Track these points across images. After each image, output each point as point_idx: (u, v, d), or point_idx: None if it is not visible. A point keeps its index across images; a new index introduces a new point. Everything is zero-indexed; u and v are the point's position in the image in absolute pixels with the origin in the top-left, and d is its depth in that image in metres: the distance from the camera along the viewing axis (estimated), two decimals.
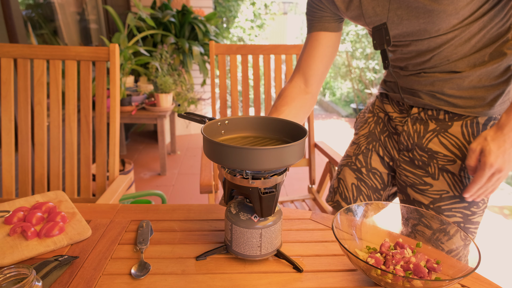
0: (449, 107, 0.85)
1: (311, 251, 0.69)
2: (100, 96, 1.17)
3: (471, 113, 0.83)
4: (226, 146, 0.55)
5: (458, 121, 0.85)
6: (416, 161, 0.91)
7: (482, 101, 0.82)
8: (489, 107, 0.82)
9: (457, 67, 0.80)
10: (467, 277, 0.62)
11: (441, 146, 0.86)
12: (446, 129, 0.86)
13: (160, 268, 0.63)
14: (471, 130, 0.84)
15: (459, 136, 0.85)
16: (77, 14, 2.93)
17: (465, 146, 0.84)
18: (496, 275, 1.92)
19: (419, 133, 0.89)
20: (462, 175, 0.85)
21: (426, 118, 0.88)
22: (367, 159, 1.01)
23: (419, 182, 0.90)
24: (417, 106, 0.90)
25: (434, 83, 0.84)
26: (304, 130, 0.63)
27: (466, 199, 0.80)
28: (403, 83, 0.91)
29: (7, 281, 0.47)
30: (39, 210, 0.77)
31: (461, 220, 0.86)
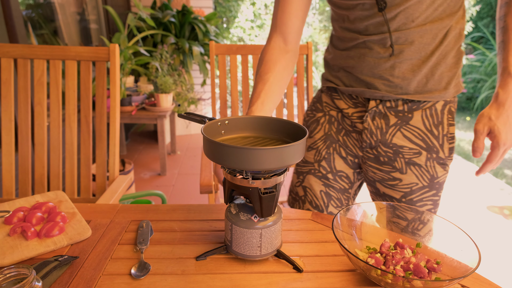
0: (407, 94, 0.84)
1: (311, 251, 0.69)
2: (100, 96, 1.17)
3: (428, 98, 0.84)
4: (226, 146, 0.55)
5: (417, 110, 0.85)
6: (382, 158, 0.90)
7: (438, 84, 0.83)
8: (445, 91, 0.84)
9: (417, 38, 0.79)
10: (467, 277, 0.62)
11: (405, 139, 0.87)
12: (408, 121, 0.86)
13: (160, 268, 0.63)
14: (432, 119, 0.86)
15: (421, 127, 0.86)
16: (77, 14, 2.93)
17: (427, 136, 0.86)
18: (496, 275, 1.92)
19: (381, 129, 0.88)
20: (428, 165, 0.87)
21: (385, 111, 0.87)
22: (331, 163, 0.97)
23: (388, 178, 0.91)
24: (374, 99, 0.87)
25: (394, 65, 0.82)
26: (304, 130, 0.63)
27: (476, 175, 0.82)
28: (359, 71, 0.87)
29: (7, 281, 0.47)
30: (39, 210, 0.77)
31: (432, 207, 0.90)
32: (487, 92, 5.42)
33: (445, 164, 0.89)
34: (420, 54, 0.80)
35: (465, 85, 5.72)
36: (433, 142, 0.87)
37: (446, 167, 0.90)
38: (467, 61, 5.43)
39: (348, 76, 0.90)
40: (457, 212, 2.61)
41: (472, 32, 6.09)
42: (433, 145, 0.87)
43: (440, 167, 0.88)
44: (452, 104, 0.88)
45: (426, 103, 0.85)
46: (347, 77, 0.90)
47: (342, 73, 0.92)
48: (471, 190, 2.96)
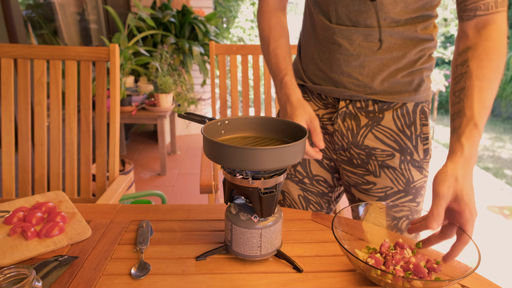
0: (377, 95, 0.82)
1: (311, 251, 0.69)
2: (100, 96, 1.17)
3: (398, 100, 0.81)
4: (226, 146, 0.55)
5: (388, 110, 0.83)
6: (355, 160, 0.87)
7: (408, 86, 0.81)
8: (415, 93, 0.82)
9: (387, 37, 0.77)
10: (467, 277, 0.62)
11: (377, 141, 0.84)
12: (379, 122, 0.84)
13: (160, 268, 0.63)
14: (403, 119, 0.83)
15: (392, 127, 0.83)
16: (77, 14, 2.93)
17: (400, 136, 0.83)
18: (496, 275, 1.92)
19: (352, 131, 0.85)
20: (402, 168, 0.84)
21: (356, 112, 0.84)
22: (306, 168, 0.94)
23: (362, 182, 0.88)
24: (343, 99, 0.85)
25: (363, 63, 0.80)
26: (304, 130, 0.63)
27: (444, 261, 0.62)
28: (328, 68, 0.84)
29: (7, 281, 0.47)
30: (39, 210, 0.77)
31: (409, 213, 0.83)
32: None
33: (422, 167, 0.85)
34: (391, 54, 0.78)
35: None
36: (406, 143, 0.84)
37: (424, 171, 0.86)
38: None
39: (317, 73, 0.87)
40: None
41: None
42: (406, 147, 0.84)
43: (416, 170, 0.85)
44: (425, 104, 0.85)
45: (396, 103, 0.83)
46: (316, 74, 0.88)
47: (312, 69, 0.89)
48: None
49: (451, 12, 4.38)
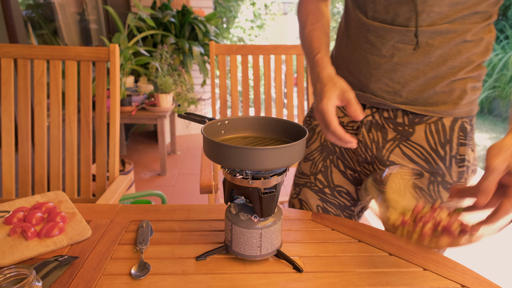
0: (407, 105, 0.73)
1: (311, 251, 0.69)
2: (100, 96, 1.17)
3: (433, 113, 0.72)
4: (226, 146, 0.55)
5: (420, 124, 0.74)
6: (378, 176, 0.80)
7: (447, 97, 0.72)
8: (454, 106, 0.72)
9: (430, 36, 0.69)
10: (467, 277, 0.62)
11: (404, 158, 0.76)
12: (408, 137, 0.75)
13: (160, 268, 0.63)
14: (438, 137, 0.73)
15: (424, 145, 0.74)
16: (77, 14, 2.93)
17: (431, 156, 0.74)
18: (496, 275, 1.92)
19: (378, 144, 0.78)
20: (431, 189, 0.75)
21: (383, 122, 0.77)
22: (328, 177, 0.88)
23: None
24: (370, 107, 0.77)
25: (395, 68, 0.72)
26: (304, 130, 0.63)
27: None
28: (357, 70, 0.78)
29: (7, 281, 0.47)
30: (39, 210, 0.77)
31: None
32: (487, 92, 5.43)
33: None
34: (429, 59, 0.70)
35: None
36: (438, 164, 0.74)
37: None
38: None
39: (346, 76, 0.81)
40: None
41: None
42: (438, 167, 0.74)
43: (446, 193, 0.75)
44: (467, 120, 0.73)
45: (430, 117, 0.73)
46: (345, 77, 0.80)
47: (340, 70, 0.82)
48: None
49: None
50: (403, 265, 0.65)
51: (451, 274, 0.62)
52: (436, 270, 0.63)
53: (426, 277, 0.62)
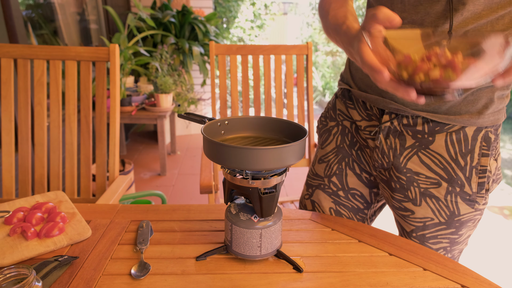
0: (428, 112, 0.70)
1: (311, 251, 0.69)
2: (100, 96, 1.17)
3: (455, 122, 0.69)
4: (226, 146, 0.55)
5: (441, 133, 0.71)
6: (393, 183, 0.77)
7: (471, 106, 0.68)
8: (478, 115, 0.68)
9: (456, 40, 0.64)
10: (467, 277, 0.62)
11: (422, 166, 0.73)
12: (428, 145, 0.72)
13: (160, 268, 0.63)
14: (459, 147, 0.70)
15: (443, 154, 0.72)
16: (77, 15, 2.93)
17: (451, 165, 0.71)
18: (496, 275, 1.92)
19: (395, 150, 0.75)
20: (448, 200, 0.73)
21: (401, 129, 0.74)
22: (343, 180, 0.86)
23: (399, 207, 0.79)
24: (389, 113, 0.75)
25: None
26: (304, 130, 0.63)
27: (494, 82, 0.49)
28: None
29: (7, 281, 0.47)
30: (39, 211, 0.77)
31: (448, 245, 0.77)
32: None
33: (474, 201, 0.73)
34: None
35: None
36: (458, 174, 0.71)
37: (476, 204, 0.73)
38: None
39: (364, 79, 0.79)
40: None
41: None
42: (457, 178, 0.72)
43: (465, 204, 0.73)
44: (491, 130, 0.70)
45: (452, 125, 0.70)
46: (363, 80, 0.79)
47: (360, 73, 0.80)
48: None
49: None
50: (403, 265, 0.65)
51: (451, 274, 0.62)
52: (436, 270, 0.63)
53: (426, 277, 0.62)
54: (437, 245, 0.76)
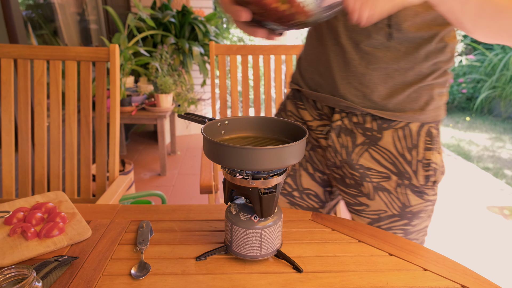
0: (376, 110, 0.74)
1: (311, 251, 0.69)
2: (100, 97, 1.17)
3: (400, 118, 0.73)
4: (226, 146, 0.55)
5: (388, 129, 0.75)
6: (348, 180, 0.81)
7: (414, 103, 0.73)
8: (420, 112, 0.73)
9: (398, 42, 0.68)
10: (467, 277, 0.62)
11: (373, 161, 0.77)
12: (377, 142, 0.76)
13: (160, 268, 0.63)
14: (405, 142, 0.75)
15: (391, 150, 0.75)
16: (77, 15, 2.93)
17: (399, 160, 0.76)
18: (496, 275, 1.92)
19: (347, 148, 0.78)
20: (399, 191, 0.77)
21: (352, 127, 0.77)
22: (296, 180, 0.88)
23: (354, 202, 0.82)
24: (339, 111, 0.78)
25: (365, 71, 0.72)
26: (304, 130, 0.63)
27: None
28: (327, 72, 0.77)
29: (7, 282, 0.47)
30: (39, 211, 0.77)
31: (403, 235, 0.80)
32: (487, 92, 5.43)
33: (422, 192, 0.77)
34: (398, 64, 0.70)
35: (464, 85, 5.72)
36: (405, 167, 0.76)
37: (425, 195, 0.77)
38: (467, 61, 5.44)
39: (315, 78, 0.81)
40: (457, 212, 2.61)
41: None
42: (405, 171, 0.76)
43: (414, 195, 0.77)
44: (433, 125, 0.75)
45: (397, 122, 0.74)
46: (313, 79, 0.81)
47: (310, 72, 0.82)
48: (471, 190, 2.96)
49: None
50: (403, 265, 0.65)
51: (451, 274, 0.63)
52: (436, 270, 0.63)
53: (426, 277, 0.62)
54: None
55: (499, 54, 5.57)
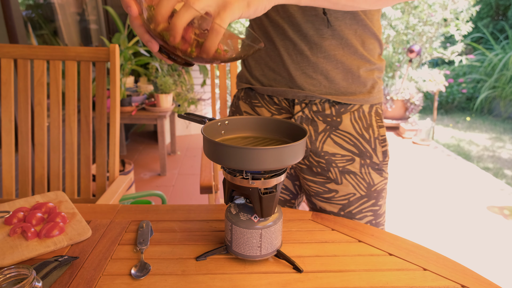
0: (332, 95, 0.79)
1: (311, 251, 0.69)
2: (100, 97, 1.17)
3: (354, 101, 0.80)
4: (226, 146, 0.55)
5: (346, 113, 0.80)
6: (315, 168, 0.84)
7: (363, 87, 0.80)
8: (369, 95, 0.81)
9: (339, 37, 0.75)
10: (467, 277, 0.62)
11: (336, 146, 0.82)
12: (337, 126, 0.81)
13: (160, 268, 0.63)
14: (361, 123, 0.81)
15: (351, 131, 0.81)
16: (77, 15, 2.93)
17: (359, 140, 0.81)
18: (496, 275, 1.93)
19: (311, 137, 0.82)
20: (363, 172, 0.82)
21: (313, 116, 0.81)
22: None
23: (323, 190, 0.85)
24: (299, 102, 0.81)
25: (317, 61, 0.77)
26: (304, 130, 0.63)
27: None
28: (280, 66, 0.80)
29: (7, 282, 0.47)
30: (39, 211, 0.77)
31: (372, 218, 0.85)
32: (487, 92, 5.43)
33: (381, 169, 0.84)
34: (343, 50, 0.76)
35: (464, 85, 5.72)
36: (366, 146, 0.82)
37: (383, 173, 0.84)
38: (467, 61, 5.44)
39: (267, 73, 0.83)
40: (457, 212, 2.61)
41: (472, 32, 6.10)
42: (365, 150, 0.82)
43: (376, 173, 0.83)
44: (379, 106, 0.84)
45: (352, 105, 0.81)
46: (266, 75, 0.83)
47: (260, 70, 0.84)
48: (471, 190, 2.96)
49: (451, 12, 4.38)
50: (403, 265, 0.65)
51: (451, 274, 0.63)
52: (436, 270, 0.63)
53: (426, 277, 0.62)
54: (364, 219, 0.85)
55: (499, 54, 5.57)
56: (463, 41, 5.54)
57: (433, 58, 5.28)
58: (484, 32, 6.26)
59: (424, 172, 3.33)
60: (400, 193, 2.89)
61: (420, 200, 2.79)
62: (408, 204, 2.73)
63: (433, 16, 4.38)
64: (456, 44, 4.83)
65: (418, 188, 2.99)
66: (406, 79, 4.57)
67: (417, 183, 3.08)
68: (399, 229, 2.37)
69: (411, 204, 2.73)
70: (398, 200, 2.78)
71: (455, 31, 4.52)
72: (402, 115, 4.54)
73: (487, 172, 3.36)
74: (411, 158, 3.67)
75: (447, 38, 5.37)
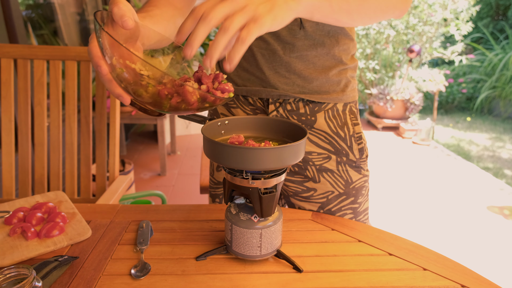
0: (306, 94, 0.79)
1: (311, 251, 0.69)
2: (100, 97, 1.17)
3: (328, 100, 0.80)
4: (226, 146, 0.55)
5: (320, 112, 0.81)
6: (292, 167, 0.85)
7: (336, 86, 0.81)
8: (342, 93, 0.81)
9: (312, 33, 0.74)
10: (467, 277, 0.62)
11: (312, 145, 0.82)
12: (312, 125, 0.81)
13: (160, 268, 0.63)
14: (336, 121, 0.82)
15: (326, 130, 0.82)
16: (77, 15, 2.93)
17: (334, 139, 0.82)
18: (496, 275, 1.93)
19: None
20: (340, 170, 0.83)
21: (287, 115, 0.82)
22: None
23: (302, 190, 0.85)
24: (273, 102, 0.81)
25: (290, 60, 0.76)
26: (304, 130, 0.63)
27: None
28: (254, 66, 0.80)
29: (7, 282, 0.47)
30: (39, 211, 0.77)
31: (352, 215, 0.85)
32: (487, 92, 5.43)
33: (359, 167, 0.84)
34: (316, 50, 0.76)
35: (464, 85, 5.72)
36: (341, 144, 0.82)
37: (362, 170, 0.84)
38: (467, 61, 5.44)
39: (241, 74, 0.83)
40: (457, 212, 2.61)
41: (471, 32, 6.10)
42: (341, 148, 0.82)
43: (353, 170, 0.83)
44: (353, 104, 0.84)
45: (326, 104, 0.81)
46: (239, 75, 0.83)
47: (234, 70, 0.83)
48: (471, 190, 2.96)
49: (451, 12, 4.38)
50: (403, 265, 0.65)
51: (451, 274, 0.63)
52: (436, 270, 0.63)
53: (426, 277, 0.62)
54: (344, 217, 0.84)
55: (499, 54, 5.57)
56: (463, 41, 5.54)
57: (433, 58, 5.27)
58: (484, 32, 6.26)
59: (424, 172, 3.33)
60: (400, 193, 2.89)
61: (420, 200, 2.79)
62: (408, 204, 2.73)
63: (433, 16, 4.38)
64: (456, 44, 4.83)
65: (418, 188, 2.99)
66: (406, 79, 4.57)
67: (417, 183, 3.08)
68: (399, 229, 2.37)
69: (411, 204, 2.73)
70: (398, 200, 2.79)
71: (455, 31, 4.52)
72: (402, 115, 4.54)
73: (487, 172, 3.36)
74: (411, 158, 3.67)
75: (447, 38, 5.37)
